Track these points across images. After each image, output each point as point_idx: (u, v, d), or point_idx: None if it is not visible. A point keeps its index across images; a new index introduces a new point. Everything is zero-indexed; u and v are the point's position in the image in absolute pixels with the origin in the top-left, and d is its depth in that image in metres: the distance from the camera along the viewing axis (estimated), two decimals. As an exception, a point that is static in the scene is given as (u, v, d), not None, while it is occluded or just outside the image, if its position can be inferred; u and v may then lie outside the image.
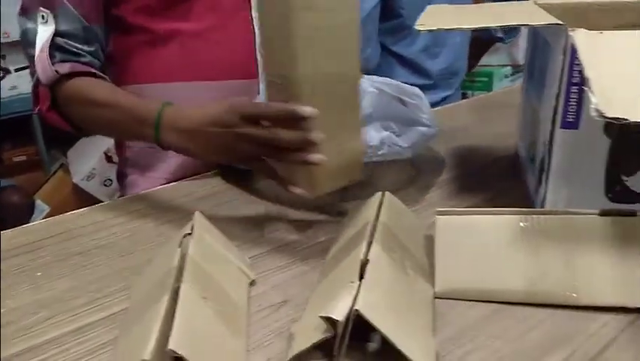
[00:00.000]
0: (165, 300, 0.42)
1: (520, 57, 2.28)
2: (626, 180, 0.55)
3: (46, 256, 0.62)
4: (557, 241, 0.50)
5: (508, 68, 2.37)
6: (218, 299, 0.47)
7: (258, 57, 0.85)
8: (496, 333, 0.46)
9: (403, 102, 0.70)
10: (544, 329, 0.46)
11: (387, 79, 0.70)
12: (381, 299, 0.44)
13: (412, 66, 1.27)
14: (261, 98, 0.74)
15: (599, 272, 0.48)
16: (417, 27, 0.57)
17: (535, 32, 0.72)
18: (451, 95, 1.32)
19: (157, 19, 0.81)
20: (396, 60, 1.27)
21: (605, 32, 0.49)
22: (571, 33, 0.50)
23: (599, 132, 0.54)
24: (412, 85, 0.72)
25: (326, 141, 0.55)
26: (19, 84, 1.91)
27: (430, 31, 0.55)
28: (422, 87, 0.74)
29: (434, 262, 0.52)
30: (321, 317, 0.41)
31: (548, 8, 0.61)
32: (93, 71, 0.76)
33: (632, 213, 0.49)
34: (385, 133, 0.66)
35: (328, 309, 0.41)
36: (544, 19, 0.55)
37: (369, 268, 0.45)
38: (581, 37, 0.49)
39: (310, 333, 0.43)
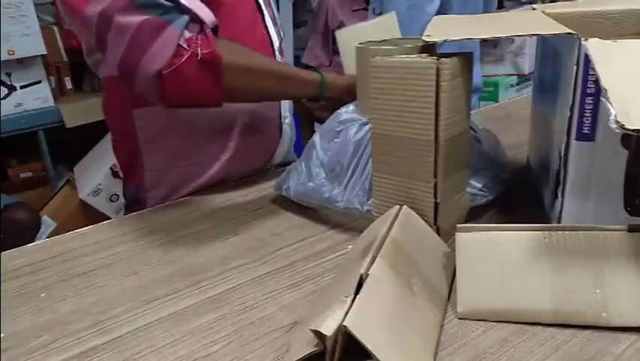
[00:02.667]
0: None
1: (526, 67, 2.27)
2: (645, 193, 0.53)
3: (49, 278, 0.61)
4: (584, 258, 0.48)
5: (514, 77, 2.36)
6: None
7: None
8: (517, 356, 0.44)
9: (478, 140, 0.69)
10: (568, 352, 0.44)
11: None
12: (375, 316, 0.42)
13: None
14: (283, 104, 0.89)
15: (629, 291, 0.46)
16: (424, 38, 0.56)
17: (544, 42, 0.71)
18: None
19: None
20: None
21: (618, 41, 0.47)
22: (584, 42, 0.49)
23: (616, 144, 0.52)
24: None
25: (447, 199, 0.57)
26: (24, 101, 1.91)
27: (436, 42, 0.54)
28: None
29: (453, 280, 0.51)
30: (312, 331, 0.41)
31: (557, 17, 0.59)
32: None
33: (660, 229, 0.47)
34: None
35: (318, 323, 0.40)
36: (555, 28, 0.53)
37: (367, 283, 0.44)
38: (594, 47, 0.48)
39: (302, 346, 0.42)
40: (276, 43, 0.87)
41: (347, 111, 0.71)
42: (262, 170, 0.90)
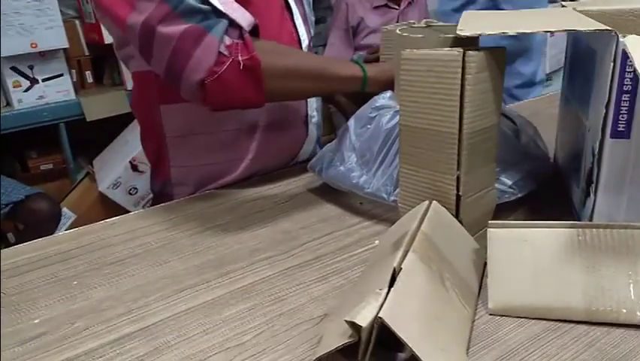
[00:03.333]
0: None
1: (547, 66, 2.25)
2: (680, 192, 0.53)
3: (79, 266, 0.62)
4: (618, 256, 0.48)
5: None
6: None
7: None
8: (551, 352, 0.44)
9: (516, 132, 0.68)
10: (602, 349, 0.44)
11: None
12: (409, 309, 0.43)
13: None
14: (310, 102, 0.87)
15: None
16: (458, 32, 0.55)
17: (575, 39, 0.70)
18: None
19: None
20: None
21: (660, 38, 0.47)
22: (622, 39, 0.48)
23: (652, 142, 0.52)
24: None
25: (470, 193, 0.57)
26: (46, 94, 1.94)
27: (471, 36, 0.53)
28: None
29: (484, 276, 0.51)
30: (347, 322, 0.41)
31: (589, 15, 0.59)
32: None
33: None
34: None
35: (353, 314, 0.41)
36: (592, 25, 0.53)
37: (400, 276, 0.44)
38: (634, 44, 0.47)
39: (336, 337, 0.42)
40: (305, 42, 0.87)
41: (383, 97, 0.71)
42: (287, 166, 0.90)
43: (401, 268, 0.45)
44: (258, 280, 0.57)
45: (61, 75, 1.95)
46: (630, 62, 0.48)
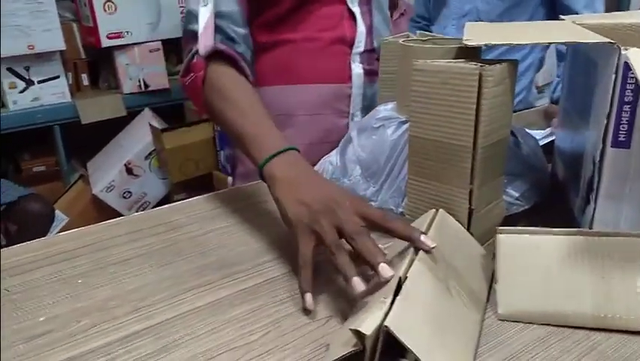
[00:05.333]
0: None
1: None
2: (677, 201, 0.54)
3: (84, 265, 0.62)
4: (626, 264, 0.49)
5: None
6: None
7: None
8: (554, 355, 0.45)
9: (517, 144, 0.69)
10: (603, 353, 0.45)
11: None
12: (415, 317, 0.43)
13: None
14: (353, 103, 0.93)
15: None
16: (464, 42, 0.57)
17: (574, 52, 0.72)
18: None
19: (262, 33, 0.89)
20: None
21: (661, 51, 0.48)
22: (624, 52, 0.50)
23: (651, 152, 0.53)
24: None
25: (481, 206, 0.58)
26: (41, 95, 1.93)
27: (477, 46, 0.55)
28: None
29: (492, 282, 0.51)
30: (351, 330, 0.41)
31: (588, 28, 0.60)
32: (243, 64, 0.79)
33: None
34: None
35: (357, 323, 0.41)
36: (594, 37, 0.54)
37: (406, 285, 0.44)
38: (636, 56, 0.49)
39: (341, 345, 0.43)
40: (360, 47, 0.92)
41: (385, 108, 0.71)
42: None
43: (407, 277, 0.45)
44: (262, 281, 0.58)
45: (57, 77, 1.95)
46: (632, 73, 0.49)
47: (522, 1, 1.47)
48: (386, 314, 0.41)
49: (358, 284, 0.48)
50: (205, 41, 0.77)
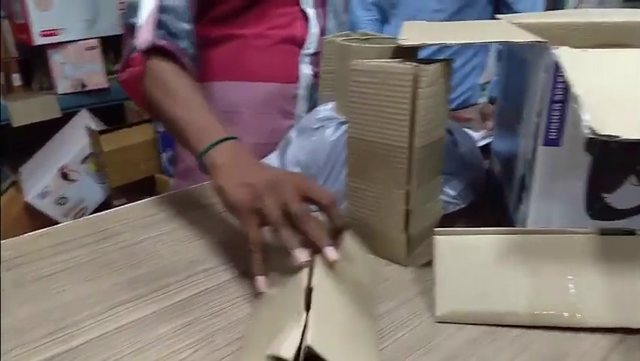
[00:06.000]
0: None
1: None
2: (606, 198, 0.55)
3: (3, 282, 0.57)
4: (558, 260, 0.49)
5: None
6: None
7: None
8: (487, 356, 0.45)
9: (455, 143, 0.68)
10: (536, 351, 0.45)
11: None
12: (332, 330, 0.41)
13: None
14: (299, 104, 0.91)
15: (601, 292, 0.47)
16: (400, 42, 0.56)
17: (510, 51, 0.73)
18: None
19: (212, 27, 0.87)
20: None
21: (589, 50, 0.49)
22: (554, 50, 0.50)
23: (580, 150, 0.54)
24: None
25: (419, 206, 0.57)
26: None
27: (414, 46, 0.54)
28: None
29: (433, 283, 0.51)
30: (269, 357, 0.38)
31: (524, 27, 0.61)
32: (184, 60, 0.74)
33: (631, 232, 0.49)
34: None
35: (275, 347, 0.37)
36: (526, 36, 0.55)
37: (315, 296, 0.42)
38: (565, 55, 0.49)
39: None
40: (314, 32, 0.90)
41: (325, 109, 0.70)
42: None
43: (311, 288, 0.43)
44: (195, 293, 0.55)
45: (-15, 78, 1.84)
46: (561, 72, 0.50)
47: (473, 1, 1.48)
48: (303, 331, 0.38)
49: (301, 253, 0.47)
50: (144, 35, 0.74)
